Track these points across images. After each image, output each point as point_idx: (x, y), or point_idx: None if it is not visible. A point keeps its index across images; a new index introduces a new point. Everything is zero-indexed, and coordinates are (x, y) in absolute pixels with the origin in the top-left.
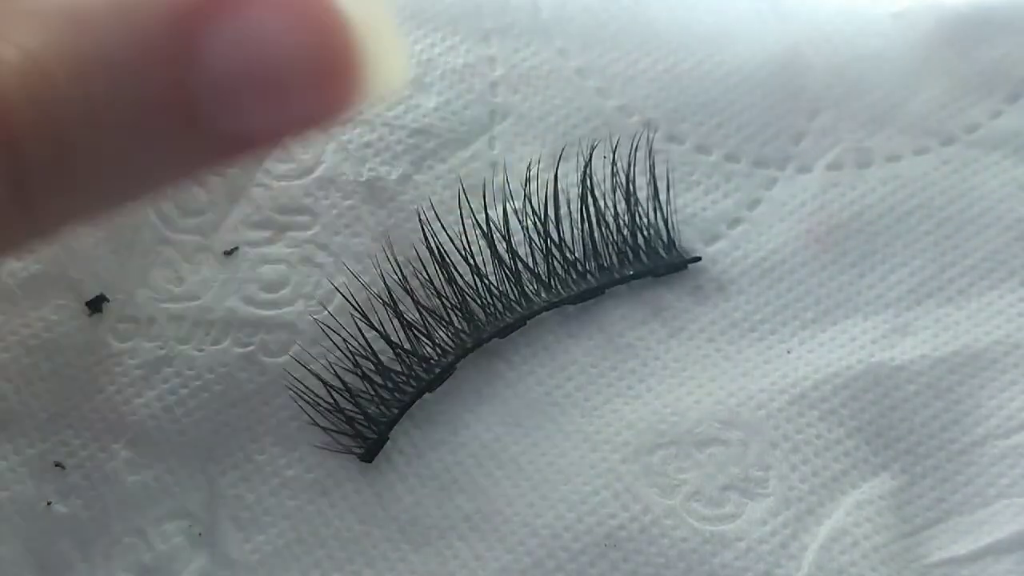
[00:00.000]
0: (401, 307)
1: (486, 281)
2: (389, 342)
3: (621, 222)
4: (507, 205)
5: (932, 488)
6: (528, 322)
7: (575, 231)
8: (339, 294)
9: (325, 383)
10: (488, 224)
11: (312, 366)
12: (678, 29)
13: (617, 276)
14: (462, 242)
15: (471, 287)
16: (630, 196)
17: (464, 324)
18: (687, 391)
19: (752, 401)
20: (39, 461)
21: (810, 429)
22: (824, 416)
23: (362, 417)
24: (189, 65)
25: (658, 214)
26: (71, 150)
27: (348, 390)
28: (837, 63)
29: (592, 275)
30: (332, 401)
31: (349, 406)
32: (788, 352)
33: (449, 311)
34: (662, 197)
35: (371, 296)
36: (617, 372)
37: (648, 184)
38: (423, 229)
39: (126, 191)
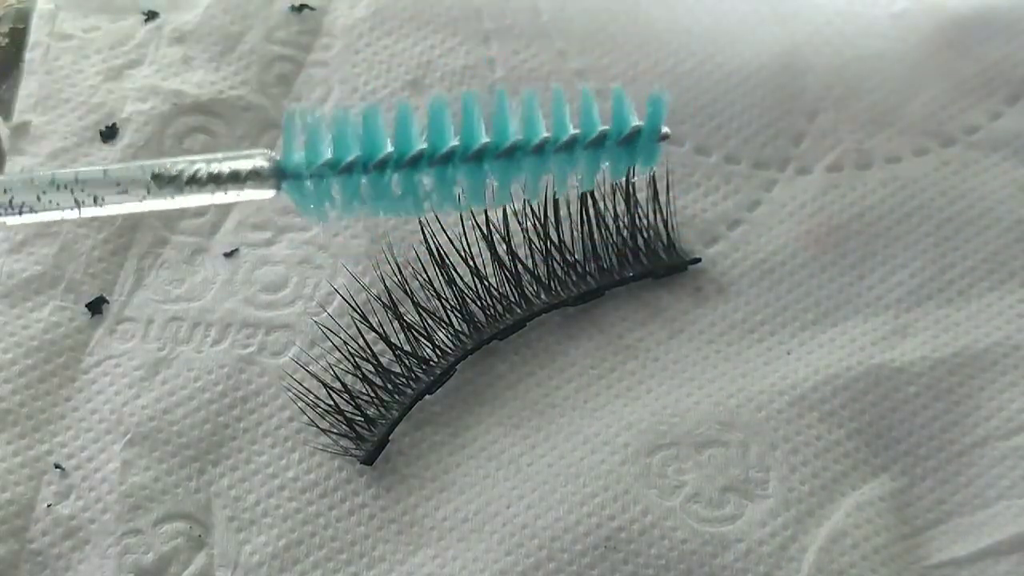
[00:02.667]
0: (401, 309)
1: (486, 283)
2: (389, 344)
3: (621, 224)
4: (507, 207)
5: (932, 490)
6: (528, 324)
7: (575, 233)
8: (339, 295)
9: (325, 385)
10: (488, 226)
11: (312, 367)
12: (678, 31)
13: (617, 277)
14: (462, 244)
15: (471, 289)
16: (630, 198)
17: (464, 326)
18: (687, 392)
19: (752, 403)
20: (39, 462)
21: (810, 431)
22: (824, 417)
23: (362, 419)
24: None
25: (658, 216)
26: None
27: (348, 392)
28: (837, 64)
29: (592, 277)
30: (332, 403)
31: (349, 408)
32: (788, 353)
33: (449, 313)
34: (662, 199)
35: (371, 298)
36: (617, 373)
37: (648, 186)
38: (423, 231)
39: None
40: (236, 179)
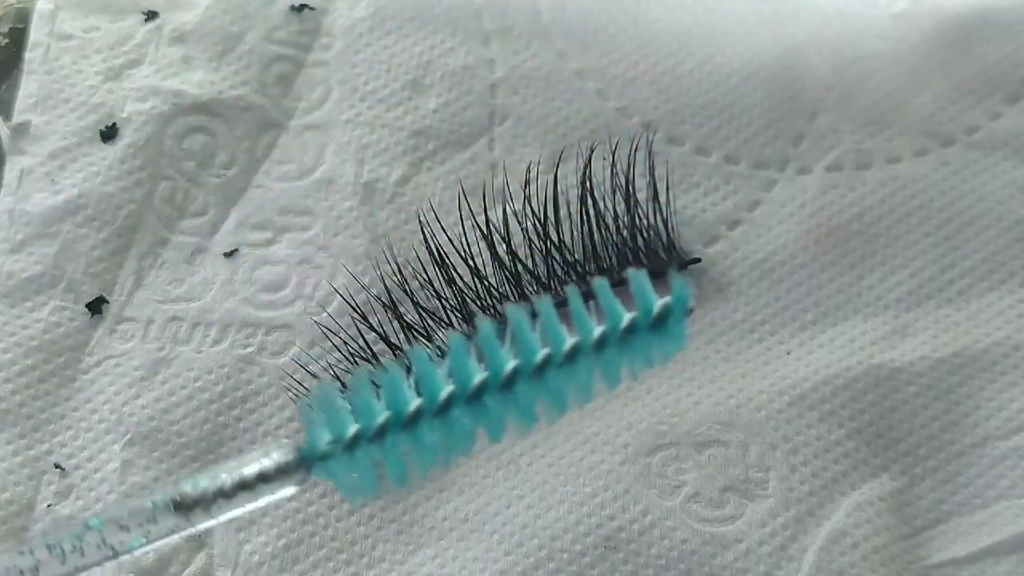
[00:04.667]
0: (401, 309)
1: (486, 283)
2: (388, 343)
3: (621, 224)
4: (507, 207)
5: (932, 490)
6: None
7: (575, 233)
8: (339, 295)
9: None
10: (488, 226)
11: (312, 367)
12: (678, 31)
13: (617, 278)
14: (462, 244)
15: (471, 289)
16: (630, 198)
17: (464, 326)
18: (686, 392)
19: (752, 402)
20: (39, 462)
21: (810, 431)
22: (824, 417)
23: None
24: None
25: (658, 216)
26: None
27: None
28: (837, 65)
29: (592, 276)
30: None
31: None
32: (788, 353)
33: (449, 313)
34: (662, 199)
35: (371, 298)
36: None
37: (648, 186)
38: (423, 231)
39: None
40: (262, 480)
